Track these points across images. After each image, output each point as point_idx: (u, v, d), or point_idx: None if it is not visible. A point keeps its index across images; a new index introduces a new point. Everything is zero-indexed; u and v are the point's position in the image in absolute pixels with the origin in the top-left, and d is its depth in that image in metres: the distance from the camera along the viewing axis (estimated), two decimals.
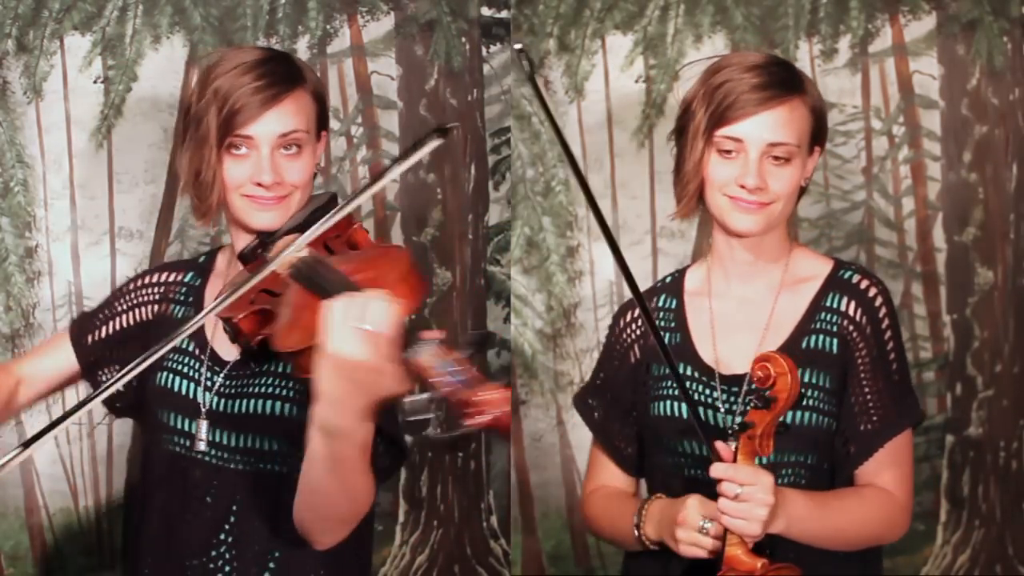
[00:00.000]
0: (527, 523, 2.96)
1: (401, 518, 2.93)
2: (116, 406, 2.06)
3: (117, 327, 2.04)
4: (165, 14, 2.80)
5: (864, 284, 1.97)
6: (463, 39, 2.89)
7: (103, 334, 2.04)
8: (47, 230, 2.79)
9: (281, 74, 1.88)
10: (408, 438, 1.81)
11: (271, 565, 1.85)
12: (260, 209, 1.88)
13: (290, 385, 1.85)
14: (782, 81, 1.92)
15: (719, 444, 1.78)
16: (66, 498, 2.81)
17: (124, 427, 2.78)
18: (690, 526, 1.81)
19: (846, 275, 1.99)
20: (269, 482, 1.85)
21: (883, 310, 1.96)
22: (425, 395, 1.45)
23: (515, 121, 2.90)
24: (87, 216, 2.80)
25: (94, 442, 2.79)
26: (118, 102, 2.79)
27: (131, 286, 2.07)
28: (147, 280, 2.06)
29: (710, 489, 1.79)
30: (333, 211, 1.64)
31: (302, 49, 2.85)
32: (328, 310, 1.51)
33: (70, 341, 2.05)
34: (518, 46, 1.69)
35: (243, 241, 1.93)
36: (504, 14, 2.89)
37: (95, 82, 2.79)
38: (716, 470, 1.76)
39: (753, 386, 1.77)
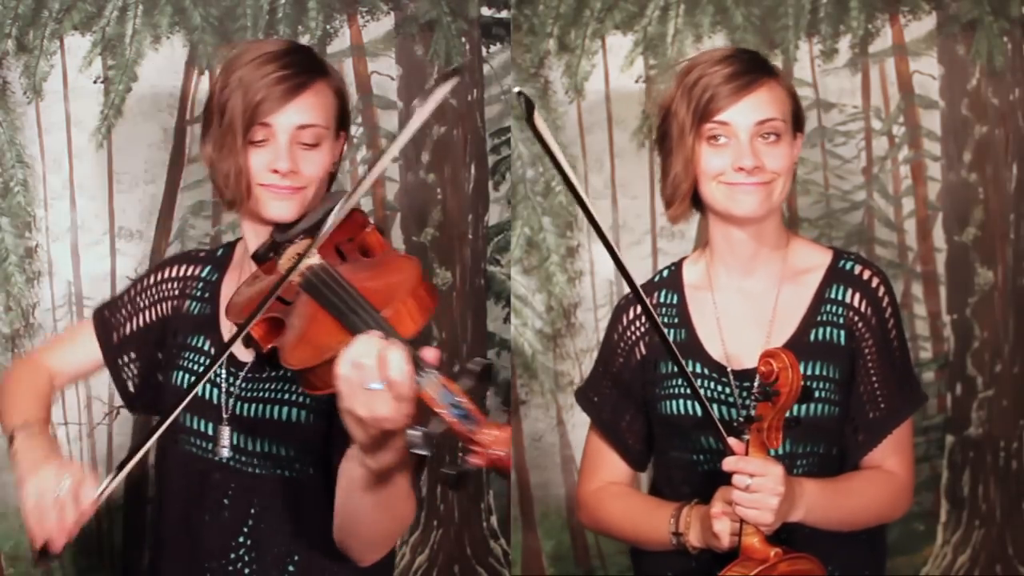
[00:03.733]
0: (527, 523, 2.96)
1: None
2: (134, 405, 2.07)
3: (140, 324, 2.06)
4: (165, 14, 2.80)
5: (867, 275, 2.01)
6: (463, 39, 2.89)
7: (127, 331, 2.06)
8: (47, 230, 2.79)
9: (304, 64, 1.88)
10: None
11: (291, 568, 1.84)
12: (275, 198, 1.87)
13: (304, 391, 1.84)
14: (755, 67, 1.97)
15: (731, 440, 1.82)
16: None
17: (124, 427, 2.78)
18: (725, 515, 1.84)
19: (847, 266, 2.02)
20: (286, 487, 1.84)
21: (886, 300, 2.01)
22: (420, 431, 1.43)
23: (515, 121, 2.90)
24: (87, 216, 2.79)
25: (94, 442, 2.79)
26: (118, 102, 2.79)
27: (151, 280, 2.07)
28: (166, 274, 2.06)
29: (724, 482, 1.83)
30: (340, 202, 1.61)
31: None
32: (342, 367, 1.48)
33: (96, 338, 2.07)
34: (517, 89, 1.67)
35: (256, 237, 1.92)
36: (504, 14, 2.89)
37: (95, 82, 2.79)
38: (727, 463, 1.81)
39: (759, 381, 1.80)
